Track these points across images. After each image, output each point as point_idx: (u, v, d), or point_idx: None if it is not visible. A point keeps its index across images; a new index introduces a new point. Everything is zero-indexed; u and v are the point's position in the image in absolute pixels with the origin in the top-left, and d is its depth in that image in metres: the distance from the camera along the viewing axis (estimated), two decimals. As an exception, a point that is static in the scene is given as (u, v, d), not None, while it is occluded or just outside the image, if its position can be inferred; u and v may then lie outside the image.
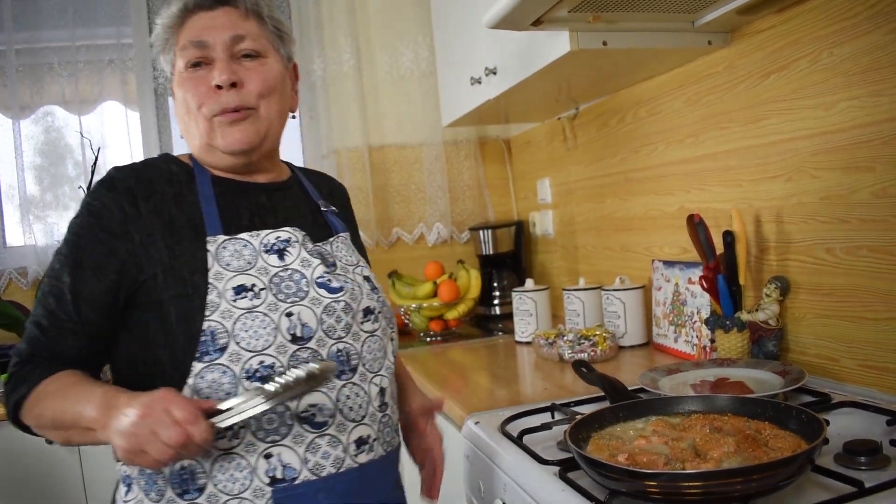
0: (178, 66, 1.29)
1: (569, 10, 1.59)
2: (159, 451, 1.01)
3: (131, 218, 1.20)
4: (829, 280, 1.62)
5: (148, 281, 1.19)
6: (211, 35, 1.26)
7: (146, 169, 1.27)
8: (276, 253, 1.25)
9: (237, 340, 1.16)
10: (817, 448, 0.99)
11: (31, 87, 3.06)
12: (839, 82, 1.54)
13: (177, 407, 1.03)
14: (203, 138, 1.28)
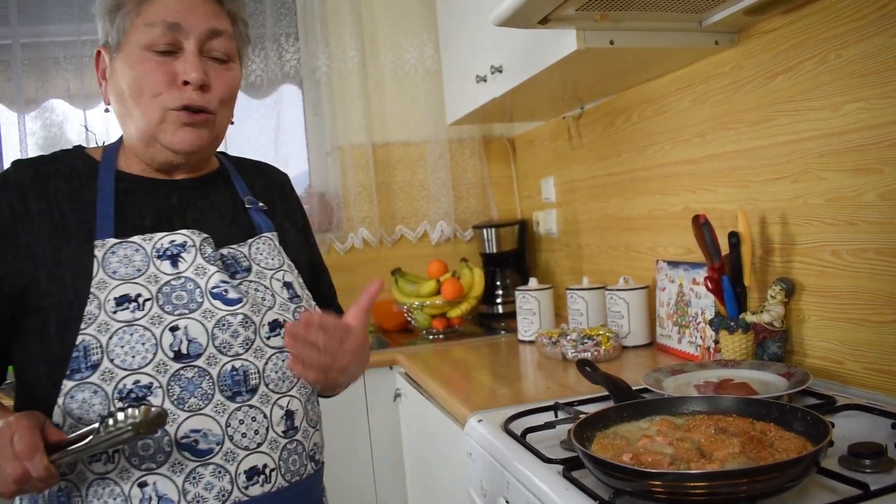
0: (133, 39, 1.15)
1: (576, 8, 1.59)
2: (3, 482, 0.94)
3: (19, 217, 1.12)
4: (834, 282, 1.62)
5: (29, 285, 1.10)
6: (188, 20, 1.16)
7: (47, 163, 1.18)
8: (168, 259, 1.14)
9: (111, 357, 1.06)
10: (823, 450, 0.99)
11: (37, 81, 3.06)
12: (847, 84, 1.54)
13: (19, 437, 0.94)
14: (148, 128, 1.17)
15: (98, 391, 1.06)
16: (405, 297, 3.01)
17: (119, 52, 1.17)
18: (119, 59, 1.17)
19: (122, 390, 1.06)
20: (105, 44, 1.19)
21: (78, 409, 1.06)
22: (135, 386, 1.07)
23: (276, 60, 3.29)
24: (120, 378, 1.06)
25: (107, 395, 1.06)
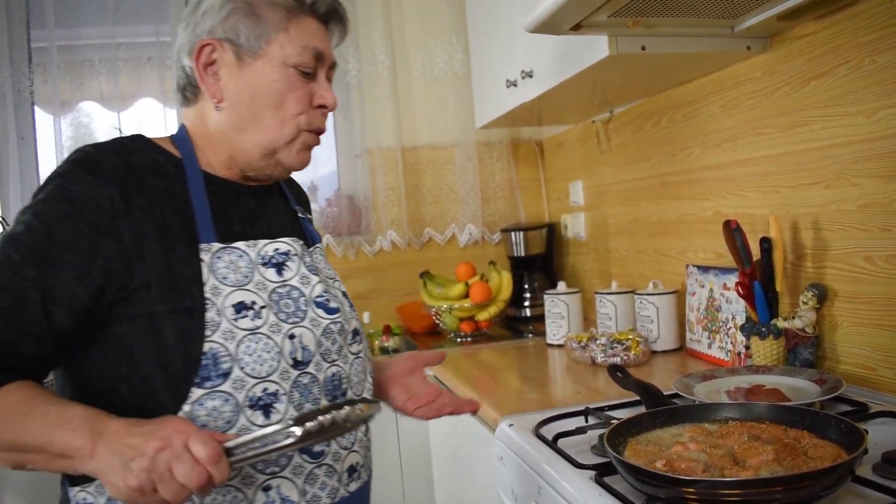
0: (278, 53, 1.16)
1: (608, 14, 1.59)
2: (173, 492, 0.89)
3: (121, 213, 1.05)
4: (867, 289, 1.61)
5: (139, 290, 1.05)
6: (327, 50, 1.21)
7: (129, 155, 1.11)
8: (274, 267, 1.17)
9: (241, 365, 1.07)
10: (858, 458, 0.99)
11: (72, 83, 3.11)
12: (880, 90, 1.53)
13: (198, 442, 0.90)
14: (275, 143, 1.18)
15: (230, 399, 1.06)
16: (433, 299, 3.03)
17: (257, 57, 1.16)
18: (255, 66, 1.16)
19: (252, 398, 1.07)
20: (227, 41, 1.16)
21: (206, 417, 1.05)
22: (263, 394, 1.08)
23: (307, 64, 3.30)
24: (250, 386, 1.07)
25: (237, 403, 1.06)
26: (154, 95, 3.19)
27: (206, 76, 1.18)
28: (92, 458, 0.91)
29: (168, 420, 0.94)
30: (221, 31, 1.16)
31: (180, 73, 1.22)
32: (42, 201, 1.05)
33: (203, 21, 1.17)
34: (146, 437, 0.90)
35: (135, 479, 0.88)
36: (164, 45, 3.17)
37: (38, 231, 1.02)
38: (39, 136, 3.11)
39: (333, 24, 1.26)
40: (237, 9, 1.16)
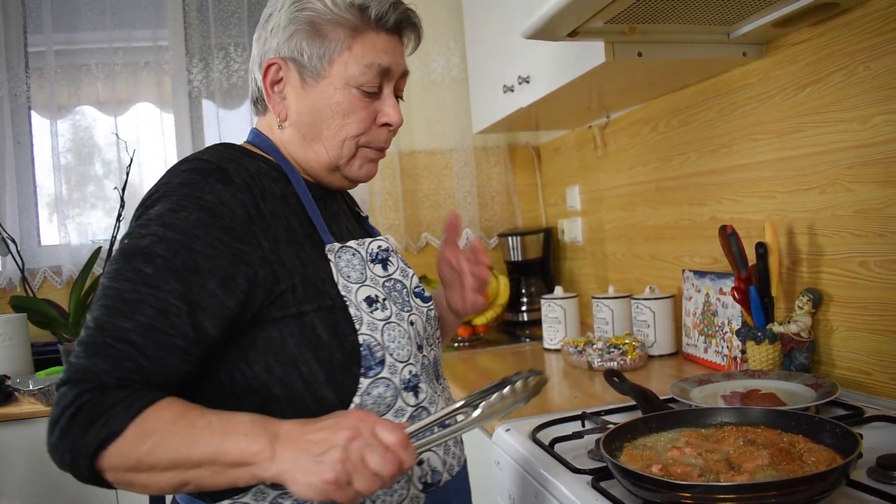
0: (341, 73, 1.15)
1: (605, 21, 1.60)
2: (367, 482, 0.89)
3: (255, 219, 1.06)
4: (862, 293, 1.62)
5: (286, 293, 1.06)
6: (394, 63, 1.19)
7: (242, 161, 1.12)
8: (380, 262, 1.21)
9: (390, 352, 1.11)
10: (852, 462, 1.00)
11: (69, 87, 3.12)
12: (875, 96, 1.54)
13: (385, 429, 0.91)
14: (337, 161, 1.20)
15: (389, 384, 1.10)
16: (431, 304, 3.02)
17: (319, 78, 1.16)
18: (317, 87, 1.17)
19: (405, 381, 1.12)
20: (292, 60, 1.17)
21: (373, 405, 1.08)
22: (410, 375, 1.14)
23: (304, 69, 3.31)
24: (400, 370, 1.12)
25: (396, 388, 1.11)
26: (151, 100, 3.20)
27: (272, 94, 1.20)
28: (274, 461, 0.90)
29: (348, 412, 0.95)
30: (287, 51, 1.17)
31: (253, 85, 1.25)
32: (171, 211, 1.01)
33: (271, 38, 1.18)
34: (332, 430, 0.90)
35: (331, 472, 0.87)
36: (161, 50, 3.18)
37: (173, 241, 0.99)
38: (36, 141, 3.11)
39: (406, 32, 1.23)
40: (301, 29, 1.15)
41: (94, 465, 0.91)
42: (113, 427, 0.90)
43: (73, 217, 3.10)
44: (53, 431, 0.92)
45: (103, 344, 0.94)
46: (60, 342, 2.77)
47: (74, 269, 3.00)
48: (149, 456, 0.90)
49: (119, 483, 0.93)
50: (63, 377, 0.94)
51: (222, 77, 3.23)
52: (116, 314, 0.95)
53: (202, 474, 0.91)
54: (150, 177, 3.18)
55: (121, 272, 0.98)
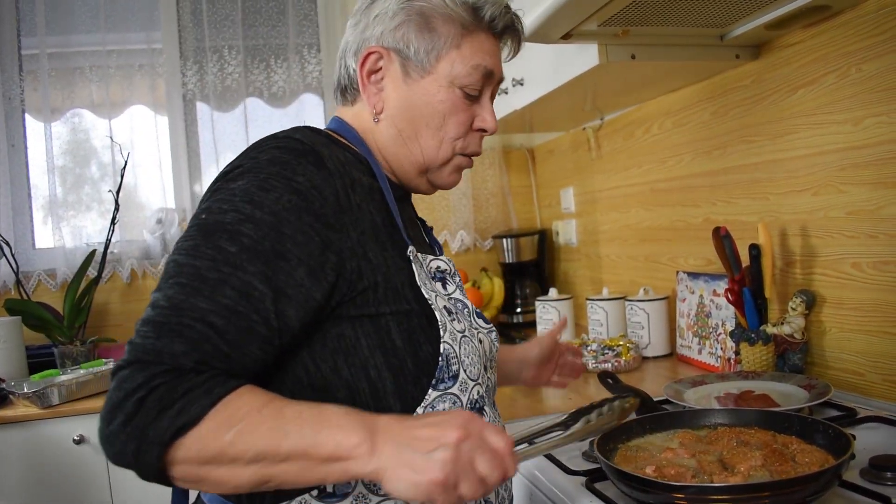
0: (447, 71, 1.11)
1: (598, 24, 1.60)
2: (474, 486, 0.83)
3: (346, 208, 0.99)
4: (855, 294, 1.63)
5: (367, 290, 0.99)
6: (497, 67, 1.16)
7: (329, 146, 1.04)
8: (440, 280, 1.15)
9: (464, 367, 1.04)
10: (845, 463, 1.00)
11: (63, 90, 3.11)
12: (867, 98, 1.55)
13: (493, 433, 0.85)
14: (430, 163, 1.15)
15: (456, 402, 1.03)
16: (425, 306, 3.02)
17: (424, 73, 1.12)
18: (421, 82, 1.12)
19: (472, 401, 1.05)
20: (396, 51, 1.12)
21: None
22: (478, 396, 1.07)
23: (299, 71, 3.32)
24: (470, 388, 1.05)
25: (462, 405, 1.03)
26: (145, 103, 3.19)
27: (368, 84, 1.14)
28: (373, 456, 0.82)
29: (453, 411, 0.88)
30: (391, 40, 1.12)
31: (343, 71, 1.19)
32: (260, 189, 0.94)
33: (374, 25, 1.13)
34: (440, 427, 0.84)
35: (440, 471, 0.80)
36: (155, 53, 3.17)
37: (262, 222, 0.92)
38: (30, 144, 3.11)
39: (507, 38, 1.20)
40: (411, 19, 1.11)
41: (164, 455, 0.81)
42: (192, 413, 0.81)
43: (68, 220, 3.09)
44: (114, 417, 0.80)
45: (178, 324, 0.85)
46: (55, 345, 2.76)
47: (69, 272, 3.00)
48: (232, 447, 0.81)
49: (188, 479, 0.84)
50: (127, 358, 0.84)
51: (216, 80, 3.22)
52: (194, 293, 0.87)
53: (289, 469, 0.83)
54: (144, 179, 3.18)
55: (199, 249, 0.90)
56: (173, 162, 3.20)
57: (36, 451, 2.32)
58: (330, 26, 3.30)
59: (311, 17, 3.35)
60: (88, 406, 2.34)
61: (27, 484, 2.31)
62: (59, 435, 2.32)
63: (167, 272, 0.91)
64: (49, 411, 2.30)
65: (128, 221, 3.13)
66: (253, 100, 3.30)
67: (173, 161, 3.20)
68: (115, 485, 2.36)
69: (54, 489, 2.33)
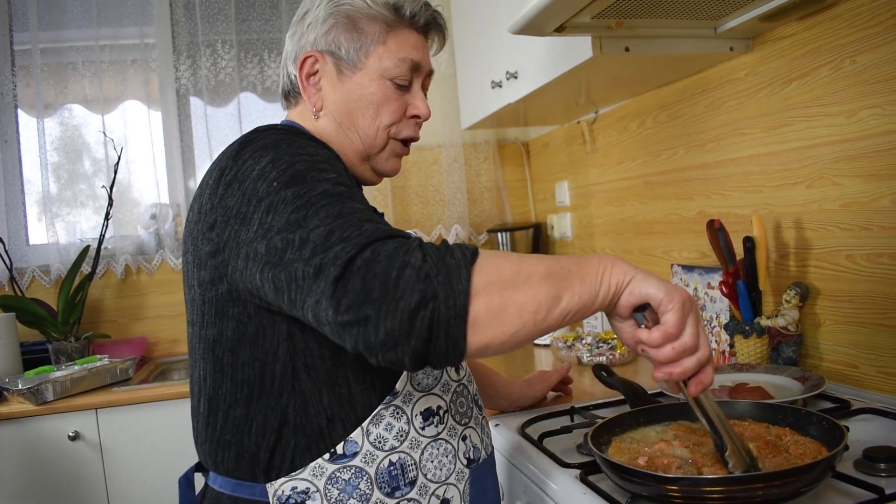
0: (376, 65, 1.21)
1: (592, 16, 1.60)
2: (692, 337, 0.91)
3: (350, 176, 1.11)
4: (849, 287, 1.63)
5: None
6: (423, 59, 1.26)
7: None
8: None
9: None
10: (838, 455, 1.00)
11: (55, 86, 3.10)
12: (861, 90, 1.55)
13: None
14: (369, 150, 1.25)
15: None
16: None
17: (356, 70, 1.22)
18: (353, 78, 1.22)
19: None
20: (329, 53, 1.22)
21: (423, 374, 1.14)
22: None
23: (292, 66, 3.30)
24: None
25: None
26: (139, 98, 3.18)
27: (307, 86, 1.24)
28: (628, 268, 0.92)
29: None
30: (324, 44, 1.22)
31: (286, 79, 1.29)
32: (294, 150, 1.01)
33: (307, 32, 1.24)
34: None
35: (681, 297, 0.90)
36: (147, 48, 3.16)
37: (328, 160, 1.02)
38: (23, 140, 3.10)
39: (432, 33, 1.30)
40: (339, 23, 1.21)
41: (470, 278, 0.82)
42: (470, 247, 0.86)
43: (62, 216, 3.08)
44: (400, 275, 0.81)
45: (360, 220, 0.88)
46: (49, 341, 2.76)
47: (63, 268, 2.99)
48: (523, 264, 0.86)
49: (493, 309, 0.83)
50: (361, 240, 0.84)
51: (210, 74, 3.21)
52: (345, 201, 0.92)
53: (572, 283, 0.88)
54: (138, 175, 3.17)
55: (303, 189, 0.93)
56: (167, 157, 3.19)
57: (31, 447, 2.31)
58: (323, 20, 3.29)
59: (304, 12, 3.34)
60: (83, 402, 2.34)
61: (22, 480, 2.30)
62: (54, 431, 2.32)
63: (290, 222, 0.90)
64: (44, 408, 2.30)
65: (122, 217, 3.12)
66: (247, 94, 3.29)
67: (167, 156, 3.19)
68: (110, 481, 2.36)
69: (49, 485, 2.32)
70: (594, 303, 0.90)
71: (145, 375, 2.72)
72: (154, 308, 3.17)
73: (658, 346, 0.91)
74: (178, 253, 3.17)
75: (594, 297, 0.90)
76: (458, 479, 1.15)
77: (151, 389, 2.44)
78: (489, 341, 0.84)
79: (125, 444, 2.37)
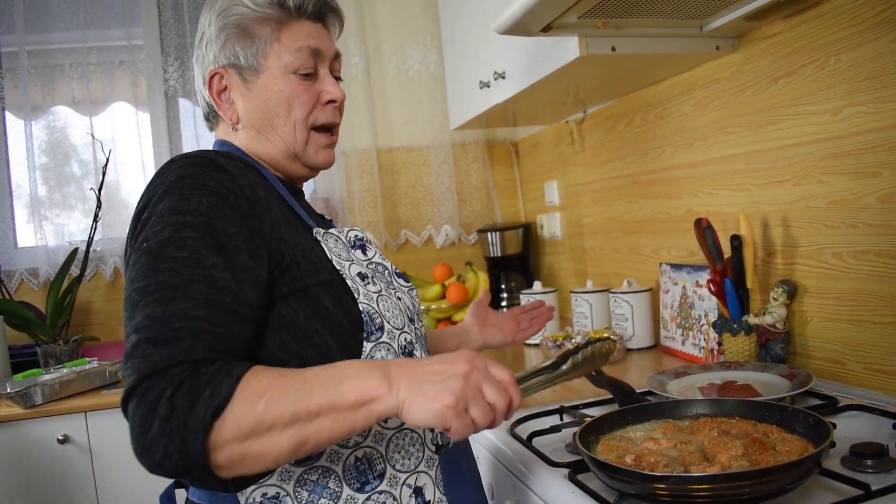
0: (275, 64, 1.22)
1: (578, 16, 1.60)
2: (483, 411, 0.92)
3: (254, 200, 1.09)
4: (836, 284, 1.63)
5: (291, 267, 1.09)
6: (323, 45, 1.27)
7: (226, 159, 1.14)
8: (359, 248, 1.26)
9: (386, 319, 1.16)
10: (824, 451, 1.01)
11: (43, 88, 3.09)
12: (846, 88, 1.55)
13: (496, 367, 0.97)
14: (294, 147, 1.25)
15: (390, 348, 1.15)
16: (410, 300, 3.03)
17: (258, 74, 1.23)
18: (258, 82, 1.23)
19: (402, 346, 1.18)
20: (231, 66, 1.24)
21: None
22: (406, 342, 1.19)
23: (281, 67, 3.30)
24: (397, 336, 1.17)
25: (395, 352, 1.16)
26: (126, 99, 3.17)
27: (221, 103, 1.26)
28: (392, 392, 0.92)
29: (459, 352, 0.98)
30: (224, 59, 1.24)
31: (203, 103, 1.31)
32: (182, 200, 1.03)
33: (207, 52, 1.25)
34: (449, 362, 0.95)
35: (452, 397, 0.90)
36: (135, 49, 3.15)
37: (198, 224, 1.00)
38: (10, 142, 3.08)
39: (328, 18, 1.31)
40: (231, 34, 1.23)
41: (207, 441, 0.85)
42: (223, 392, 0.87)
43: (50, 218, 3.07)
44: (150, 425, 0.85)
45: (171, 330, 0.91)
46: (37, 344, 2.75)
47: (51, 271, 2.98)
48: (266, 414, 0.88)
49: (233, 459, 0.88)
50: (138, 376, 0.88)
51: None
52: (170, 301, 0.94)
53: (321, 425, 0.90)
54: (126, 177, 3.16)
55: (153, 268, 0.97)
56: (156, 159, 3.18)
57: (20, 451, 2.30)
58: (312, 21, 3.29)
59: (292, 13, 3.34)
60: (72, 405, 2.33)
61: (11, 484, 2.29)
62: (43, 435, 2.31)
63: (132, 301, 0.97)
64: (32, 411, 2.29)
65: (110, 219, 3.11)
66: (235, 96, 3.28)
67: (155, 158, 3.18)
68: (100, 484, 2.35)
69: (39, 489, 2.32)
70: (351, 433, 0.94)
71: (135, 378, 2.71)
72: (143, 310, 3.15)
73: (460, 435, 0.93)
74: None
75: (349, 431, 0.93)
76: (429, 466, 1.16)
77: (141, 392, 2.43)
78: (238, 474, 0.92)
79: (115, 447, 2.36)
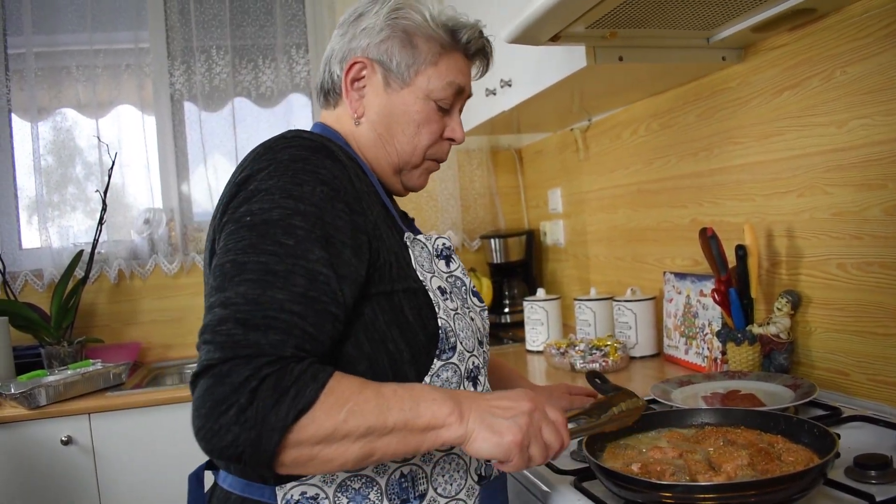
0: (424, 84, 1.21)
1: (586, 26, 1.61)
2: (541, 450, 0.96)
3: (361, 194, 1.08)
4: (840, 295, 1.64)
5: (383, 268, 1.08)
6: (467, 84, 1.28)
7: (336, 147, 1.12)
8: (444, 259, 1.23)
9: (459, 340, 1.14)
10: (830, 462, 1.01)
11: (49, 90, 3.09)
12: (852, 101, 1.56)
13: (551, 408, 1.00)
14: (403, 165, 1.26)
15: (457, 370, 1.13)
16: (414, 306, 3.03)
17: (404, 86, 1.22)
18: (400, 93, 1.22)
19: (469, 370, 1.16)
20: (379, 63, 1.22)
21: (441, 386, 1.09)
22: (473, 367, 1.17)
23: (287, 71, 3.32)
24: (466, 358, 1.15)
25: (461, 375, 1.14)
26: (132, 102, 3.18)
27: (351, 90, 1.24)
28: (462, 423, 0.94)
29: (518, 390, 1.01)
30: (376, 53, 1.22)
31: (327, 76, 1.28)
32: (294, 184, 1.01)
33: (360, 37, 1.23)
34: (515, 399, 0.98)
35: (519, 433, 0.93)
36: (142, 53, 3.16)
37: (309, 214, 1.00)
38: (16, 144, 3.09)
39: (479, 59, 1.32)
40: (395, 35, 1.21)
41: (283, 441, 0.86)
42: (308, 396, 0.87)
43: (55, 220, 3.08)
44: (223, 411, 0.85)
45: (264, 317, 0.91)
46: (42, 345, 2.76)
47: (56, 273, 2.99)
48: (345, 424, 0.89)
49: (299, 461, 0.89)
50: (219, 356, 0.88)
51: (204, 80, 3.22)
52: (267, 287, 0.93)
53: (391, 441, 0.92)
54: (132, 179, 3.17)
55: (256, 246, 0.97)
56: (161, 162, 3.20)
57: (23, 452, 2.31)
58: (318, 27, 3.30)
59: (298, 18, 3.36)
60: (76, 407, 2.33)
61: (15, 485, 2.30)
62: (47, 436, 2.32)
63: (226, 272, 0.96)
64: (36, 412, 2.29)
65: (115, 222, 3.12)
66: (241, 100, 3.30)
67: (161, 161, 3.19)
68: (102, 486, 2.35)
69: (42, 490, 2.32)
70: (415, 453, 0.97)
71: (138, 380, 2.72)
72: (147, 313, 3.17)
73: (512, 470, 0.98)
74: (171, 258, 3.16)
75: (413, 451, 0.95)
76: (468, 496, 1.14)
77: (144, 394, 2.44)
78: (296, 473, 0.95)
79: (118, 448, 2.36)
